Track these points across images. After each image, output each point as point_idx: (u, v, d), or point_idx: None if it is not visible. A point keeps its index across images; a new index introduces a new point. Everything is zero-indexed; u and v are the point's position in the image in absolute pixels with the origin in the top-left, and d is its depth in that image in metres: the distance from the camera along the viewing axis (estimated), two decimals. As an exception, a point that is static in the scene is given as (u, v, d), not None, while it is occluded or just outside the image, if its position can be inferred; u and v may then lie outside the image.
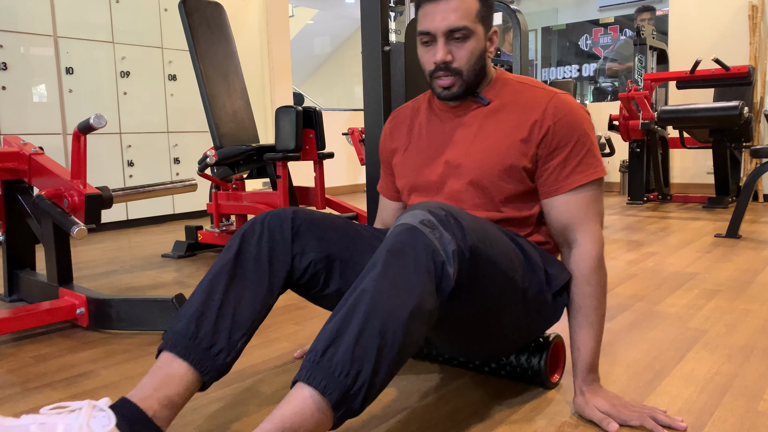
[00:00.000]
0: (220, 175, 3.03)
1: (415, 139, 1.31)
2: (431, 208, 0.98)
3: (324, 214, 1.20)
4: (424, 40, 1.17)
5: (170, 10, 4.32)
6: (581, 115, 1.17)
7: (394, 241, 0.93)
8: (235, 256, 1.09)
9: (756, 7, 4.75)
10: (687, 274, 2.36)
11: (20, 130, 3.58)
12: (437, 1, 1.13)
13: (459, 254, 0.95)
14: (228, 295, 1.05)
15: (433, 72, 1.18)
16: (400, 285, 0.89)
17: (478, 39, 1.16)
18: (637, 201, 4.77)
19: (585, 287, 1.16)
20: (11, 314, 1.72)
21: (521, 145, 1.16)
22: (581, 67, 7.50)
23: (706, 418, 1.15)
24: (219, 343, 1.01)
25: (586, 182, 1.17)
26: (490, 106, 1.21)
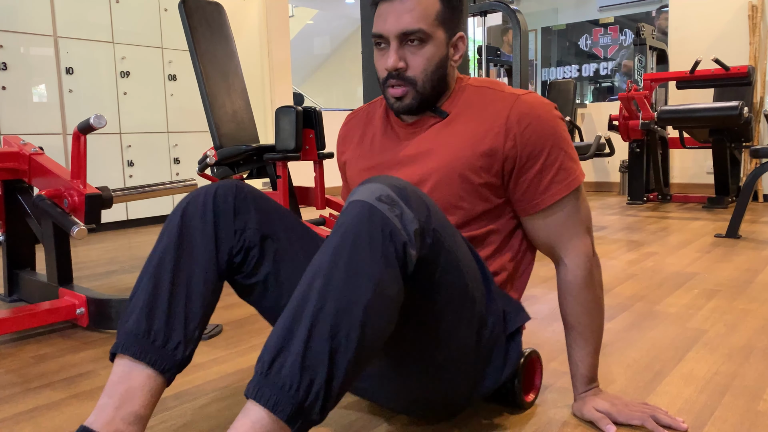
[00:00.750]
0: (220, 175, 3.03)
1: (365, 151, 1.18)
2: (392, 182, 0.85)
3: (268, 197, 1.10)
4: (377, 43, 1.04)
5: (170, 10, 4.32)
6: (550, 116, 1.05)
7: (345, 222, 0.81)
8: (179, 236, 0.98)
9: (756, 7, 4.75)
10: (687, 274, 2.36)
11: (20, 130, 3.58)
12: (392, 1, 1.00)
13: (421, 236, 0.84)
14: (177, 281, 0.95)
15: (385, 80, 1.04)
16: (353, 276, 0.78)
17: (438, 45, 1.02)
18: (637, 201, 4.77)
19: (575, 307, 1.10)
20: (11, 314, 1.72)
21: (483, 159, 1.03)
22: (581, 67, 7.50)
23: (706, 418, 1.15)
24: (175, 336, 0.92)
25: (566, 194, 1.05)
26: (448, 119, 1.08)
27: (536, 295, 2.11)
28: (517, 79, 3.72)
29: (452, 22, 1.04)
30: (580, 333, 1.10)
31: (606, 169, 5.92)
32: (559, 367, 1.43)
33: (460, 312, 0.93)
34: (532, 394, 1.22)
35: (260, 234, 1.03)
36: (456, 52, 1.07)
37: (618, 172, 5.72)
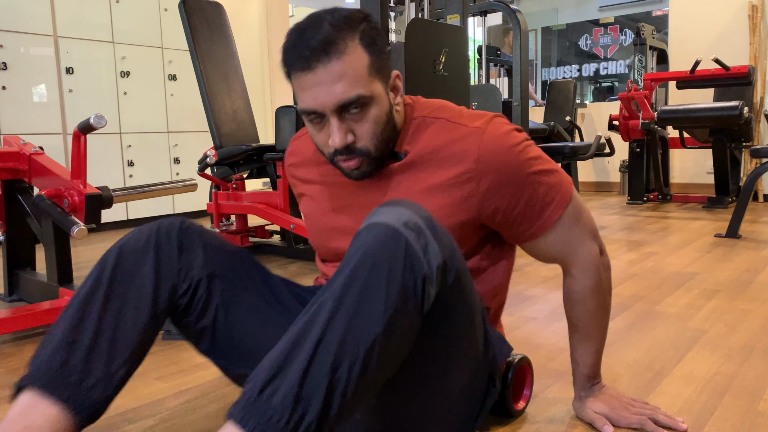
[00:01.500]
0: (220, 175, 3.03)
1: (320, 191, 1.07)
2: (418, 210, 0.79)
3: (216, 235, 1.02)
4: (311, 119, 0.90)
5: (170, 10, 4.32)
6: (518, 147, 0.94)
7: (366, 243, 0.74)
8: (113, 268, 0.90)
9: (756, 7, 4.75)
10: (687, 274, 2.36)
11: (20, 130, 3.58)
12: (313, 71, 0.84)
13: (443, 273, 0.77)
14: (105, 316, 0.87)
15: (332, 156, 0.93)
16: (366, 304, 0.71)
17: (380, 101, 0.90)
18: (637, 201, 4.77)
19: (582, 314, 1.06)
20: (11, 314, 1.72)
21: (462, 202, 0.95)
22: (581, 67, 7.49)
23: (706, 418, 1.15)
24: (93, 375, 0.83)
25: (561, 211, 0.98)
26: (407, 160, 0.97)
27: (536, 295, 2.11)
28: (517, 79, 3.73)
29: (384, 66, 0.91)
30: (586, 335, 1.08)
31: (606, 169, 5.92)
32: (560, 367, 1.43)
33: (461, 361, 0.88)
34: (522, 402, 1.18)
35: (207, 273, 0.96)
36: (396, 94, 0.96)
37: (618, 172, 5.72)
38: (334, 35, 0.84)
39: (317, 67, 0.84)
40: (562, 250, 1.01)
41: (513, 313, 1.90)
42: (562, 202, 0.97)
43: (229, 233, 3.00)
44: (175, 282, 0.93)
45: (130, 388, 1.38)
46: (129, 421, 1.21)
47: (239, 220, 3.06)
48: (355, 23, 0.87)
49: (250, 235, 3.05)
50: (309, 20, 0.87)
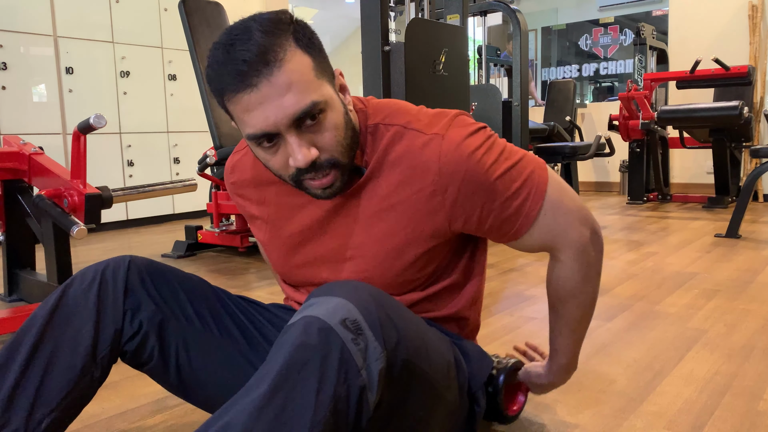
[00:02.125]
0: (220, 175, 3.03)
1: (276, 213, 0.96)
2: (359, 298, 0.70)
3: (171, 267, 0.95)
4: (260, 143, 0.77)
5: (170, 10, 4.31)
6: (480, 152, 0.84)
7: (295, 343, 0.66)
8: (52, 310, 0.85)
9: (756, 7, 4.75)
10: (687, 274, 2.36)
11: (20, 130, 3.58)
12: (256, 87, 0.72)
13: (387, 373, 0.70)
14: (34, 359, 0.81)
15: (296, 176, 0.79)
16: (288, 420, 0.62)
17: (334, 104, 0.79)
18: (637, 201, 4.77)
19: (570, 300, 0.96)
20: (11, 314, 1.72)
21: (428, 218, 0.86)
22: (581, 67, 7.50)
23: (706, 418, 1.15)
24: (14, 422, 0.77)
25: (541, 202, 0.87)
26: (369, 175, 0.87)
27: (536, 295, 2.11)
28: (517, 79, 3.73)
29: (327, 66, 0.80)
30: (568, 324, 0.99)
31: (606, 169, 5.92)
32: (559, 367, 1.43)
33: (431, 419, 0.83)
34: (516, 407, 1.15)
35: (161, 316, 0.89)
36: (345, 93, 0.85)
37: (618, 172, 5.72)
38: (268, 42, 0.73)
39: (259, 82, 0.72)
40: (548, 238, 0.90)
41: (513, 313, 1.90)
42: (538, 195, 0.87)
43: (229, 233, 3.00)
44: (119, 326, 0.88)
45: (130, 389, 1.38)
46: (129, 421, 1.21)
47: (239, 220, 3.06)
48: (285, 25, 0.76)
49: (249, 235, 3.05)
50: (233, 32, 0.76)
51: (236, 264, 2.82)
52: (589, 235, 0.92)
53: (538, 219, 0.88)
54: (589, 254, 0.93)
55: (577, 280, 0.94)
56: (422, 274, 0.91)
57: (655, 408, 1.21)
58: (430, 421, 0.84)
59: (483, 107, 3.71)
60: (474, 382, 0.95)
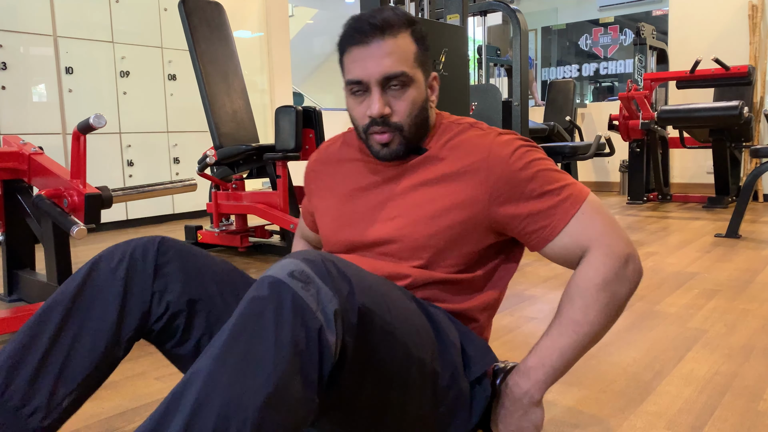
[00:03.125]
0: (220, 174, 3.03)
1: (341, 184, 1.08)
2: (308, 256, 0.75)
3: (202, 250, 0.97)
4: (354, 90, 0.96)
5: (170, 9, 4.31)
6: (528, 148, 0.97)
7: (250, 300, 0.70)
8: (78, 288, 0.86)
9: (756, 6, 4.75)
10: (687, 274, 2.36)
11: (20, 130, 3.58)
12: (367, 44, 0.92)
13: (343, 316, 0.72)
14: (59, 339, 0.82)
15: (367, 127, 0.97)
16: (251, 363, 0.65)
17: (419, 87, 0.97)
18: (637, 201, 4.77)
19: (576, 299, 0.92)
20: (11, 314, 1.71)
21: (471, 192, 0.96)
22: (581, 67, 7.50)
23: (706, 418, 1.15)
24: (35, 401, 0.78)
25: (579, 205, 0.93)
26: (428, 155, 1.01)
27: (536, 295, 2.11)
28: (517, 79, 3.73)
29: (427, 63, 0.99)
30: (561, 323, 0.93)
31: (606, 168, 5.92)
32: (559, 367, 1.43)
33: (407, 382, 0.83)
34: None
35: (188, 297, 0.91)
36: (433, 93, 1.02)
37: (618, 172, 5.72)
38: (393, 20, 0.94)
39: (372, 41, 0.93)
40: (584, 237, 0.93)
41: (513, 313, 1.89)
42: (578, 198, 0.94)
43: (229, 233, 3.00)
44: (146, 307, 0.89)
45: (130, 388, 1.38)
46: (129, 421, 1.21)
47: (239, 220, 3.06)
48: (411, 21, 0.97)
49: (249, 235, 3.05)
50: (372, 9, 0.97)
51: (236, 264, 2.82)
52: (625, 254, 0.92)
53: (576, 216, 0.93)
54: (621, 264, 0.91)
55: (596, 282, 0.91)
56: (450, 248, 0.97)
57: (655, 408, 1.21)
58: (408, 381, 0.83)
59: (483, 107, 3.71)
60: (475, 366, 0.94)
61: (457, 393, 0.90)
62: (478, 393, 0.93)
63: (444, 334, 0.91)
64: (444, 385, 0.88)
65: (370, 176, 1.04)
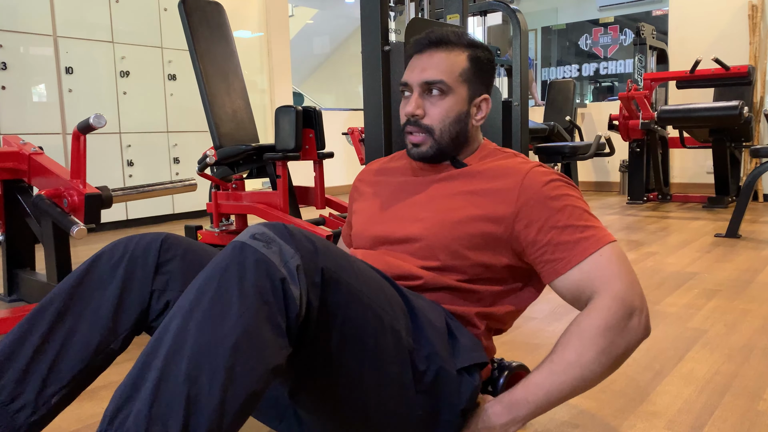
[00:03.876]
0: (220, 174, 3.03)
1: (379, 190, 1.16)
2: (271, 222, 0.77)
3: (207, 247, 0.98)
4: (402, 90, 1.08)
5: (170, 9, 4.31)
6: (563, 183, 1.00)
7: (214, 261, 0.72)
8: (77, 282, 0.86)
9: (756, 6, 4.75)
10: (687, 274, 2.36)
11: (20, 130, 3.58)
12: (422, 53, 1.05)
13: (306, 273, 0.73)
14: (52, 333, 0.82)
15: (404, 126, 1.06)
16: (218, 313, 0.68)
17: (458, 99, 1.04)
18: (637, 201, 4.77)
19: (573, 339, 0.90)
20: (11, 314, 1.71)
21: (497, 209, 0.99)
22: (581, 67, 7.49)
23: (706, 418, 1.15)
24: (24, 396, 0.78)
25: (599, 246, 0.94)
26: (467, 169, 1.06)
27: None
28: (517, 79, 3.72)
29: (478, 83, 1.07)
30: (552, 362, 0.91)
31: (606, 168, 5.92)
32: (559, 367, 1.43)
33: (380, 348, 0.82)
34: None
35: None
36: (479, 112, 1.08)
37: (618, 172, 5.72)
38: (449, 39, 1.05)
39: (425, 52, 1.05)
40: (595, 277, 0.92)
41: (513, 313, 1.89)
42: (601, 240, 0.94)
43: (229, 233, 3.00)
44: (145, 305, 0.89)
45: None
46: (128, 421, 1.21)
47: (239, 220, 3.06)
48: (473, 45, 1.07)
49: (249, 235, 3.05)
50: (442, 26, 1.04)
51: (236, 264, 2.82)
52: (633, 305, 0.91)
53: (594, 256, 0.93)
54: (623, 308, 0.90)
55: (596, 325, 0.89)
56: (467, 255, 0.99)
57: (655, 408, 1.21)
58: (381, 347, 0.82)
59: (483, 107, 3.70)
60: (463, 355, 0.93)
61: (437, 374, 0.88)
62: (465, 381, 0.92)
63: (418, 312, 0.90)
64: (422, 363, 0.87)
65: (406, 182, 1.11)
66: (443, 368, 0.89)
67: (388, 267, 1.01)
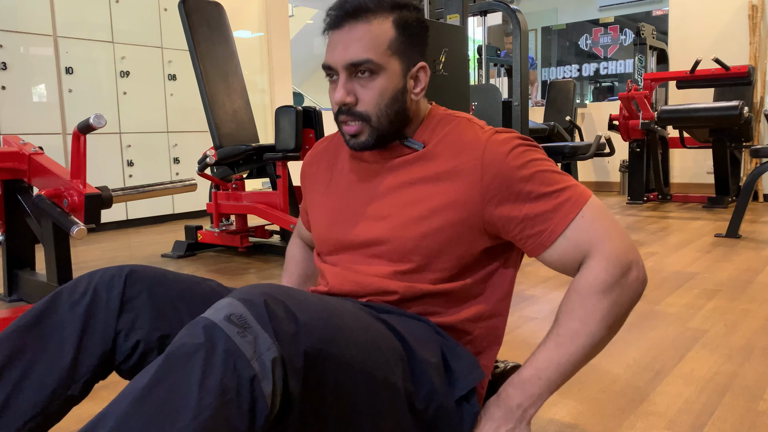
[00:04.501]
0: (220, 174, 3.03)
1: (335, 180, 1.05)
2: (251, 294, 0.70)
3: (179, 275, 0.91)
4: (328, 73, 0.93)
5: (170, 10, 4.31)
6: (528, 147, 0.92)
7: (178, 342, 0.65)
8: (34, 321, 0.80)
9: (756, 6, 4.75)
10: (687, 274, 2.36)
11: (20, 130, 3.58)
12: (340, 28, 0.89)
13: (285, 364, 0.67)
14: (2, 376, 0.76)
15: (336, 115, 0.94)
16: (172, 408, 0.61)
17: (391, 76, 0.90)
18: (637, 201, 4.77)
19: (575, 307, 0.87)
20: (11, 314, 1.72)
21: (464, 191, 0.90)
22: (581, 67, 7.49)
23: (706, 418, 1.15)
24: None
25: (579, 209, 0.88)
26: (423, 151, 0.95)
27: (536, 295, 2.11)
28: (517, 79, 3.73)
29: (410, 52, 0.93)
30: (558, 335, 0.88)
31: (606, 168, 5.92)
32: (559, 367, 1.43)
33: (377, 408, 0.79)
34: None
35: (159, 333, 0.84)
36: (417, 84, 0.95)
37: (618, 172, 5.72)
38: (369, 5, 0.89)
39: (343, 26, 0.89)
40: (584, 241, 0.87)
41: (513, 313, 1.89)
42: (579, 201, 0.88)
43: (229, 233, 3.00)
44: (109, 347, 0.83)
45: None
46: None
47: (239, 220, 3.06)
48: (397, 7, 0.91)
49: (249, 235, 3.05)
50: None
51: (236, 264, 2.82)
52: (628, 260, 0.87)
53: (576, 220, 0.87)
54: (618, 267, 0.86)
55: (596, 289, 0.85)
56: (442, 251, 0.91)
57: (655, 408, 1.21)
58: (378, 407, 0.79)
59: (483, 107, 3.71)
60: (460, 383, 0.89)
61: (437, 410, 0.85)
62: (465, 410, 0.88)
63: (416, 352, 0.85)
64: (421, 403, 0.83)
65: (361, 172, 1.00)
66: (443, 404, 0.86)
67: (359, 287, 0.94)
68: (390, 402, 0.80)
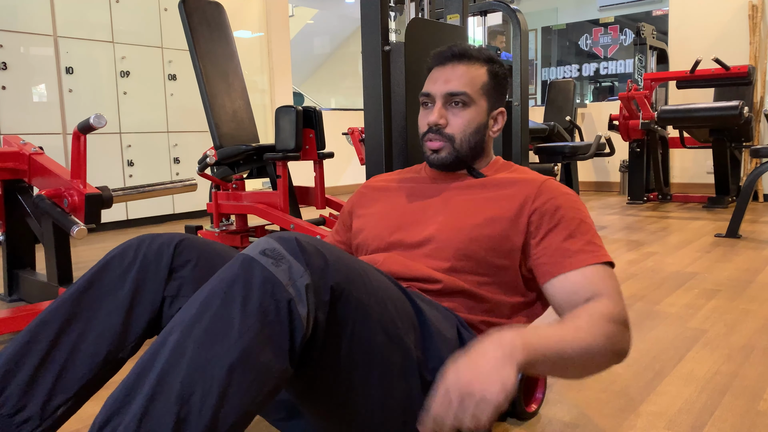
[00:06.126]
0: (220, 174, 3.03)
1: (393, 196, 1.16)
2: (283, 235, 0.75)
3: (224, 247, 0.96)
4: (423, 101, 1.12)
5: (170, 9, 4.31)
6: (574, 200, 1.03)
7: (219, 275, 0.71)
8: (86, 287, 0.84)
9: (756, 6, 4.75)
10: (687, 274, 2.36)
11: (20, 130, 3.58)
12: (445, 66, 1.10)
13: (316, 291, 0.71)
14: (59, 342, 0.80)
15: (424, 134, 1.10)
16: (218, 332, 0.66)
17: (479, 111, 1.09)
18: (637, 201, 4.77)
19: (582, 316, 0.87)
20: (11, 314, 1.72)
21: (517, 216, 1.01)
22: (581, 67, 7.49)
23: (706, 418, 1.15)
24: (30, 408, 0.76)
25: (600, 262, 0.96)
26: (487, 179, 1.10)
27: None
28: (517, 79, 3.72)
29: (496, 97, 1.12)
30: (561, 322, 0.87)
31: (606, 168, 5.92)
32: (559, 367, 1.43)
33: (387, 362, 0.80)
34: (534, 405, 1.17)
35: None
36: (495, 124, 1.13)
37: (618, 172, 5.72)
38: (472, 52, 1.10)
39: (447, 65, 1.10)
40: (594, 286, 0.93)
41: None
42: (601, 257, 0.96)
43: (229, 233, 3.00)
44: (156, 312, 0.87)
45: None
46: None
47: (239, 220, 3.06)
48: (490, 59, 1.11)
49: (250, 235, 3.05)
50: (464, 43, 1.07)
51: (236, 264, 2.82)
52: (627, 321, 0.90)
53: (593, 267, 0.95)
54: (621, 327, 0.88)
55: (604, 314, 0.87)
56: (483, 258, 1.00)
57: (655, 408, 1.21)
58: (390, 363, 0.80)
59: (483, 107, 3.70)
60: None
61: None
62: None
63: (430, 324, 0.87)
64: (429, 375, 0.85)
65: (426, 191, 1.13)
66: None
67: (407, 269, 1.01)
68: (402, 364, 0.82)
